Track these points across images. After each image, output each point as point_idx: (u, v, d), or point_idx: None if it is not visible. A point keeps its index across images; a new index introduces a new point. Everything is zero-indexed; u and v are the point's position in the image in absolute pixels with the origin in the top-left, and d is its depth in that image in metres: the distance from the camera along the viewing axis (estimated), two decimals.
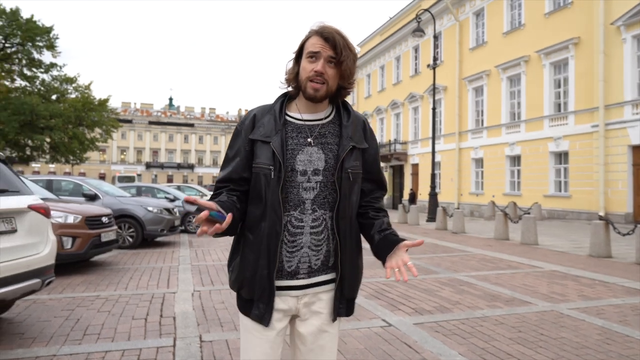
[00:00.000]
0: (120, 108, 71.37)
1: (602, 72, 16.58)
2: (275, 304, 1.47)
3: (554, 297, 5.11)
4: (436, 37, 19.25)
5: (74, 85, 30.58)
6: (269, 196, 1.44)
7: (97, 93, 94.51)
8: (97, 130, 31.94)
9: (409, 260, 1.43)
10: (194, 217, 1.45)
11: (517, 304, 4.79)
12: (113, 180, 44.96)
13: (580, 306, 4.74)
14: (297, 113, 1.52)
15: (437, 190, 18.39)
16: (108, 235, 6.58)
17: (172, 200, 12.14)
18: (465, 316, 4.31)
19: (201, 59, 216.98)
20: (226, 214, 1.31)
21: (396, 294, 5.16)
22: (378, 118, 33.78)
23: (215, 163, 77.08)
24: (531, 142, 20.20)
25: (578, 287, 5.66)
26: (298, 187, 1.46)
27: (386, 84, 32.80)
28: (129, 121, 72.00)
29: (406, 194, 28.46)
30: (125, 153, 73.45)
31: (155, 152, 75.05)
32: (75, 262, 6.42)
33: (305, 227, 1.47)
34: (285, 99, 1.54)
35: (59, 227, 5.84)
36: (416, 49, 28.94)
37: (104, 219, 6.60)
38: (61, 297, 4.81)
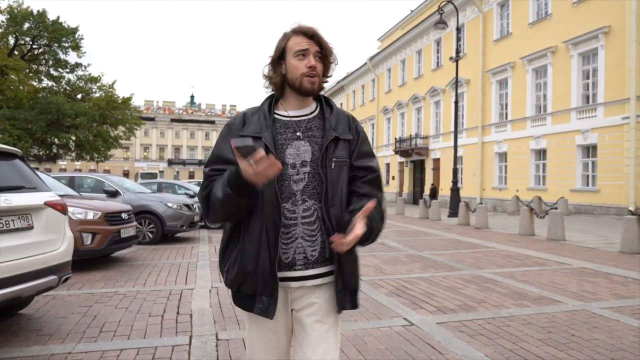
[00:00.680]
0: (143, 106, 72.44)
1: (634, 62, 15.92)
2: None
3: (585, 296, 4.87)
4: (459, 30, 18.78)
5: (98, 84, 31.15)
6: (266, 189, 1.45)
7: (121, 92, 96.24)
8: (121, 128, 32.45)
9: (359, 232, 1.39)
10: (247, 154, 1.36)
11: (546, 303, 4.58)
12: (136, 177, 45.73)
13: (614, 305, 4.49)
14: (284, 111, 1.59)
15: (459, 185, 18.00)
16: (127, 231, 6.59)
17: (192, 196, 12.18)
18: (491, 315, 4.13)
19: (222, 56, 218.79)
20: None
21: (418, 292, 5.00)
22: (399, 113, 33.36)
23: None
24: (558, 135, 19.60)
25: (610, 285, 5.39)
26: (289, 180, 1.51)
27: (407, 78, 32.34)
28: (152, 119, 73.05)
29: (427, 189, 28.04)
30: (148, 150, 74.62)
31: (177, 149, 76.03)
32: (95, 257, 6.45)
33: (298, 217, 1.51)
34: (273, 100, 1.60)
35: (79, 223, 5.87)
36: (438, 42, 28.42)
37: (124, 215, 6.62)
38: (80, 293, 4.82)
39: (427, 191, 27.39)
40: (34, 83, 29.61)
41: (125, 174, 67.47)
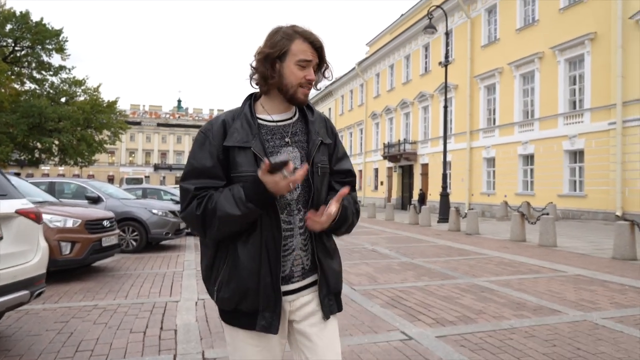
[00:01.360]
0: (129, 110, 71.61)
1: (620, 68, 16.06)
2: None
3: (585, 305, 4.73)
4: (447, 35, 18.80)
5: (82, 87, 30.58)
6: None
7: (106, 95, 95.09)
8: (106, 132, 31.87)
9: (333, 210, 1.38)
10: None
11: (546, 313, 4.43)
12: (121, 182, 44.99)
13: (615, 315, 4.36)
14: (266, 115, 1.49)
15: (448, 191, 17.94)
16: (109, 239, 6.30)
17: (178, 203, 11.86)
18: (492, 328, 3.95)
19: (209, 61, 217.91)
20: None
21: (414, 302, 4.81)
22: (387, 118, 33.36)
23: None
24: (545, 140, 19.69)
25: (608, 294, 5.27)
26: None
27: (395, 83, 32.38)
28: (138, 123, 72.20)
29: (416, 194, 28.01)
30: (133, 155, 73.69)
31: (163, 154, 75.22)
32: (75, 268, 6.14)
33: (295, 228, 1.45)
34: (252, 101, 1.51)
35: (57, 231, 5.57)
36: (426, 48, 28.51)
37: (106, 223, 6.33)
38: (56, 307, 4.53)
39: (416, 196, 27.36)
40: (16, 86, 28.93)
41: (110, 179, 66.46)
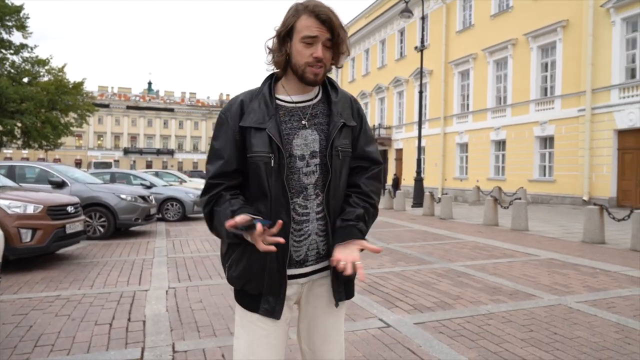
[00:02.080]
0: (96, 92, 69.22)
1: (590, 56, 16.36)
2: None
3: (558, 289, 4.77)
4: (423, 19, 18.70)
5: (46, 67, 29.21)
6: (272, 185, 1.36)
7: (73, 76, 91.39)
8: (72, 114, 30.68)
9: (359, 260, 1.36)
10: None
11: (522, 298, 4.44)
12: (89, 166, 43.61)
13: (589, 299, 4.41)
14: (286, 95, 1.44)
15: (422, 176, 18.06)
16: (74, 226, 5.99)
17: (148, 187, 11.50)
18: (470, 313, 3.92)
19: (181, 42, 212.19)
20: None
21: (391, 288, 4.75)
22: (362, 102, 33.25)
23: (195, 148, 75.62)
24: (517, 126, 20.02)
25: (580, 277, 5.34)
26: (298, 173, 1.41)
27: (371, 67, 32.26)
28: (106, 106, 69.91)
29: (390, 179, 28.18)
30: (102, 139, 71.49)
31: (133, 138, 73.23)
32: (37, 256, 5.82)
33: (311, 213, 1.42)
34: (272, 81, 1.46)
35: (17, 218, 5.25)
36: (402, 32, 28.41)
37: (70, 209, 6.01)
38: (15, 299, 4.25)
39: (390, 181, 27.52)
40: None
41: (78, 163, 64.40)
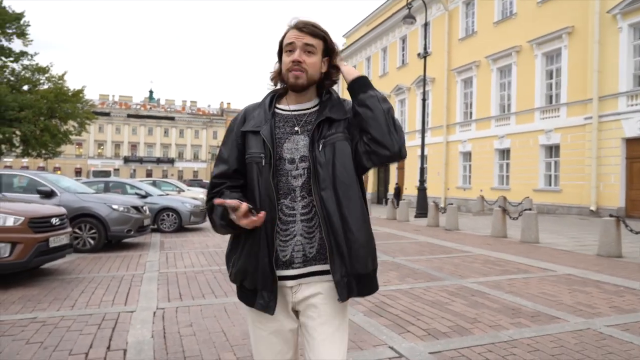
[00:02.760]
0: (97, 100, 69.16)
1: (597, 62, 16.03)
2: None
3: (584, 310, 4.36)
4: (425, 26, 18.44)
5: (46, 75, 29.12)
6: (262, 183, 1.46)
7: (73, 84, 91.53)
8: (71, 122, 30.43)
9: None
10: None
11: (545, 321, 4.02)
12: (88, 174, 43.32)
13: (619, 322, 3.99)
14: (286, 105, 1.57)
15: (425, 185, 17.66)
16: (59, 239, 5.59)
17: (143, 197, 11.11)
18: (490, 340, 3.51)
19: (183, 51, 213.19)
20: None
21: (401, 309, 4.34)
22: None
23: (196, 157, 75.37)
24: (521, 134, 19.65)
25: (605, 296, 4.92)
26: (287, 175, 1.49)
27: (372, 75, 31.96)
28: (107, 114, 69.85)
29: (391, 188, 27.77)
30: (102, 147, 71.29)
31: (134, 146, 73.03)
32: (17, 272, 5.41)
33: (297, 214, 1.47)
34: (275, 95, 1.59)
35: None
36: (403, 40, 28.18)
37: (54, 221, 5.61)
38: None
39: (392, 190, 27.11)
40: None
41: (78, 172, 64.14)
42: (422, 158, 17.74)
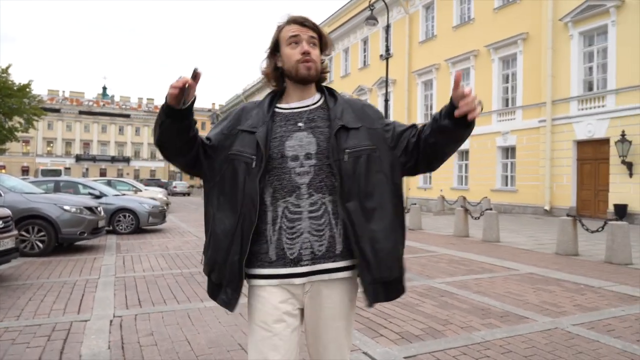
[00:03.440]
0: (46, 96, 65.70)
1: (550, 68, 16.69)
2: (280, 304, 1.45)
3: (550, 310, 4.42)
4: (387, 28, 18.61)
5: None
6: (248, 184, 1.44)
7: (19, 78, 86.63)
8: (17, 118, 28.72)
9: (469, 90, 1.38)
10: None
11: (515, 321, 4.04)
12: (36, 173, 41.08)
13: (584, 321, 4.06)
14: (285, 104, 1.56)
15: None
16: (3, 243, 5.15)
17: (97, 197, 10.54)
18: (464, 342, 3.47)
19: (138, 47, 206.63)
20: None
21: (372, 312, 4.24)
22: None
23: (153, 156, 73.09)
24: (479, 136, 20.18)
25: (568, 295, 5.03)
26: (290, 173, 1.46)
27: (334, 76, 32.05)
28: (57, 110, 66.58)
29: None
30: (52, 145, 67.87)
31: (86, 144, 69.95)
32: None
33: (304, 212, 1.46)
34: (276, 96, 1.57)
35: None
36: (365, 41, 28.40)
37: None
38: None
39: None
40: None
41: (25, 170, 60.81)
42: None
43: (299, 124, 1.50)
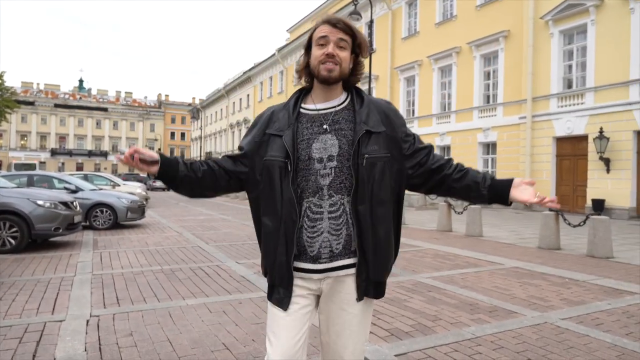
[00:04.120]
0: (20, 88, 63.86)
1: (531, 65, 16.88)
2: (295, 288, 1.52)
3: (537, 304, 4.40)
4: (370, 23, 18.51)
5: None
6: (285, 187, 1.49)
7: None
8: None
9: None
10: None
11: (503, 315, 4.00)
12: (9, 167, 39.84)
13: (572, 315, 4.06)
14: (312, 104, 1.58)
15: None
16: None
17: (73, 192, 10.19)
18: (454, 339, 3.40)
19: (116, 39, 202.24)
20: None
21: None
22: None
23: None
24: (461, 132, 20.36)
25: (554, 289, 5.04)
26: (316, 175, 1.51)
27: None
28: (31, 103, 64.76)
29: None
30: (26, 138, 66.01)
31: (62, 138, 68.25)
32: None
33: (324, 212, 1.51)
34: (302, 94, 1.62)
35: None
36: None
37: None
38: None
39: None
40: None
41: None
42: None
43: (324, 126, 1.54)
